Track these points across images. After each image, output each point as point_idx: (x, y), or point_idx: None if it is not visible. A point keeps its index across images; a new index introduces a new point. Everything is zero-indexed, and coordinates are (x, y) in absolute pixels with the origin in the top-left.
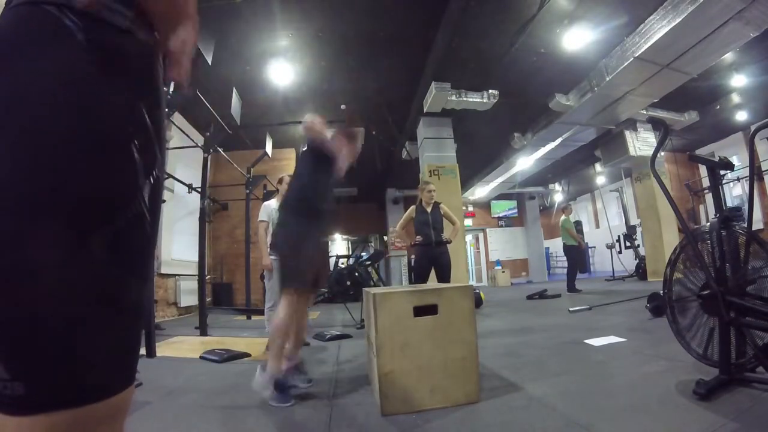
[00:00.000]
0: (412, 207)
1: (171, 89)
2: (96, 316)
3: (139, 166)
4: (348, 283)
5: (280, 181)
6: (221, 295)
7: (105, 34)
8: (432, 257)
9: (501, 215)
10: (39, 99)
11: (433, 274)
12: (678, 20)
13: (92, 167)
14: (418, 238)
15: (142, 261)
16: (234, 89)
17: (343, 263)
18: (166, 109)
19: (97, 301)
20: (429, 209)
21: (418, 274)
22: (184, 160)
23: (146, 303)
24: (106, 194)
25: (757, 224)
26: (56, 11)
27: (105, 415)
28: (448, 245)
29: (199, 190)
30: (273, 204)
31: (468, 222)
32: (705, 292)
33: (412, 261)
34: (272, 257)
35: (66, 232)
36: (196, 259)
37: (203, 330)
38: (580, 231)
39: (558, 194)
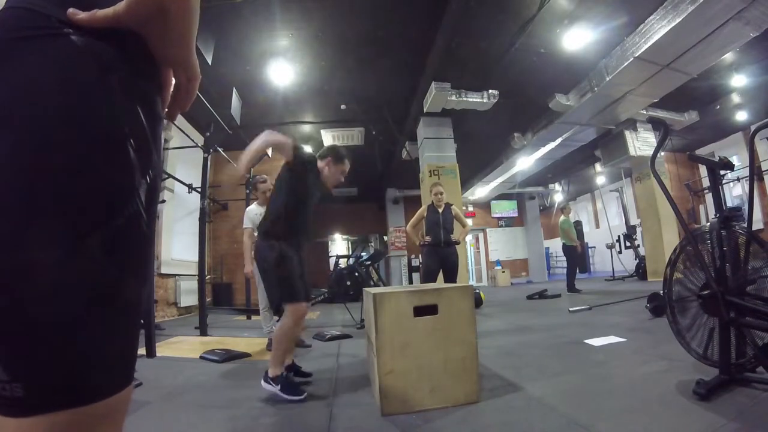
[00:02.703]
0: (425, 206)
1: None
2: (94, 317)
3: (135, 166)
4: (348, 283)
5: (255, 187)
6: (221, 295)
7: (101, 38)
8: (441, 257)
9: (501, 215)
10: (33, 99)
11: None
12: (678, 20)
13: (88, 167)
14: (427, 238)
15: (140, 261)
16: (234, 89)
17: (342, 263)
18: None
19: (95, 301)
20: (440, 210)
21: (427, 275)
22: (184, 160)
23: (145, 303)
24: (103, 194)
25: (757, 224)
26: (53, 17)
27: (104, 415)
28: (456, 246)
29: (199, 190)
30: (255, 209)
31: (468, 222)
32: (705, 292)
33: (421, 261)
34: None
35: (62, 231)
36: (196, 259)
37: (203, 330)
38: (580, 231)
39: (558, 194)
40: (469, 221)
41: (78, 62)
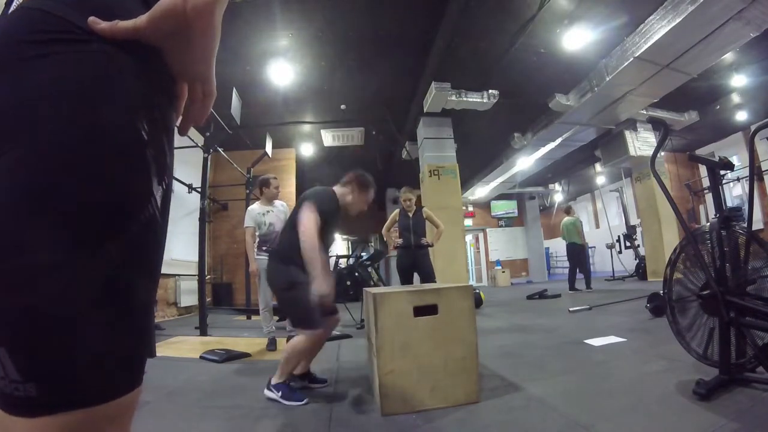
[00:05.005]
0: (397, 210)
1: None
2: (106, 319)
3: (153, 172)
4: (348, 283)
5: (266, 184)
6: (221, 295)
7: (119, 48)
8: (412, 259)
9: (501, 215)
10: (49, 102)
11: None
12: (678, 20)
13: (105, 171)
14: (399, 240)
15: (153, 264)
16: (234, 89)
17: (342, 263)
18: None
19: (108, 303)
20: (411, 213)
21: (400, 275)
22: (184, 160)
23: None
24: (122, 198)
25: (757, 224)
26: (71, 22)
27: (114, 415)
28: (429, 248)
29: (199, 190)
30: (257, 208)
31: (468, 222)
32: (705, 292)
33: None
34: (259, 257)
35: (79, 234)
36: (196, 259)
37: (203, 330)
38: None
39: (558, 194)
40: (469, 221)
41: (96, 68)
